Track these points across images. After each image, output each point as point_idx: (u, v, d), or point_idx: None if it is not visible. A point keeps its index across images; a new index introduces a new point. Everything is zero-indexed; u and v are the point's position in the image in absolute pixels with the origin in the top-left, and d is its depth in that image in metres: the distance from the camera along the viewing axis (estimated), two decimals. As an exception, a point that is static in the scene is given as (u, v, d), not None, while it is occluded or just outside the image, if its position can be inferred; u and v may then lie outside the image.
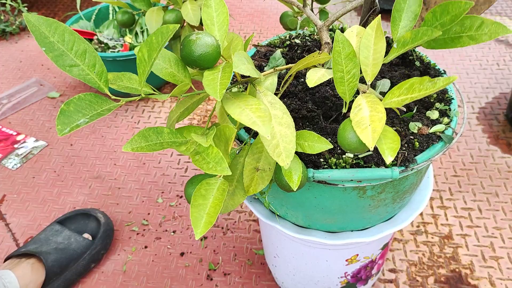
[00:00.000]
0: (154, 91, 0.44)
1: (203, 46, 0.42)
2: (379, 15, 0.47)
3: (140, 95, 0.43)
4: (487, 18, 0.43)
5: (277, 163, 0.46)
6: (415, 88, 0.41)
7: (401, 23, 0.46)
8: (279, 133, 0.41)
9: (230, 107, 0.41)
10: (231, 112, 0.40)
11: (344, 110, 0.45)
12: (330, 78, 0.59)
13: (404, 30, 0.45)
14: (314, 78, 0.42)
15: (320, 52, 0.46)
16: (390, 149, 0.40)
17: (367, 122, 0.40)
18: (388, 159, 0.40)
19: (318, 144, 0.44)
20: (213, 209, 0.40)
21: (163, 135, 0.42)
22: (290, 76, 0.50)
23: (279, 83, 0.58)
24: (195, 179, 0.45)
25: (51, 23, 0.39)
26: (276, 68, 0.51)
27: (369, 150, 0.50)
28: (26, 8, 1.63)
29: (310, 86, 0.42)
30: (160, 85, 1.35)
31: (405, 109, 0.51)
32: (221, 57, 0.45)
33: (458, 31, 0.43)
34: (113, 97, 0.42)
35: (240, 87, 0.58)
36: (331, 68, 0.46)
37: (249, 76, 0.49)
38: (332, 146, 0.44)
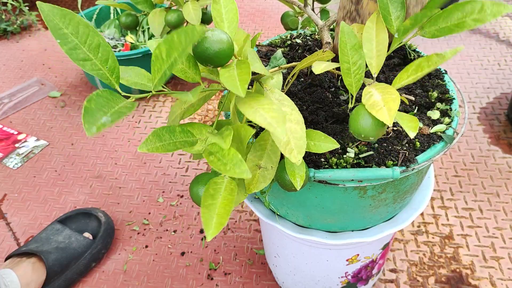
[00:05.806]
0: (164, 88, 0.42)
1: (218, 42, 0.41)
2: (378, 8, 0.47)
3: (151, 92, 0.41)
4: (487, 1, 0.42)
5: (279, 162, 0.46)
6: (423, 66, 0.40)
7: (392, 16, 0.45)
8: (289, 130, 0.41)
9: (242, 106, 0.40)
10: (244, 112, 0.39)
11: (351, 105, 0.45)
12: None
13: (398, 21, 0.45)
14: (320, 67, 0.42)
15: (324, 50, 0.46)
16: (410, 127, 0.40)
17: (381, 104, 0.39)
18: (411, 135, 0.39)
19: (324, 143, 0.44)
20: (223, 210, 0.38)
21: (175, 134, 0.41)
22: (293, 74, 0.50)
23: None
24: (200, 178, 0.44)
25: (66, 14, 0.37)
26: (280, 66, 0.51)
27: (375, 143, 0.50)
28: (27, 8, 1.63)
29: (316, 73, 0.42)
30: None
31: (413, 99, 0.51)
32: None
33: (461, 17, 0.43)
34: (123, 93, 0.41)
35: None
36: None
37: (255, 74, 0.49)
38: (338, 146, 0.44)
